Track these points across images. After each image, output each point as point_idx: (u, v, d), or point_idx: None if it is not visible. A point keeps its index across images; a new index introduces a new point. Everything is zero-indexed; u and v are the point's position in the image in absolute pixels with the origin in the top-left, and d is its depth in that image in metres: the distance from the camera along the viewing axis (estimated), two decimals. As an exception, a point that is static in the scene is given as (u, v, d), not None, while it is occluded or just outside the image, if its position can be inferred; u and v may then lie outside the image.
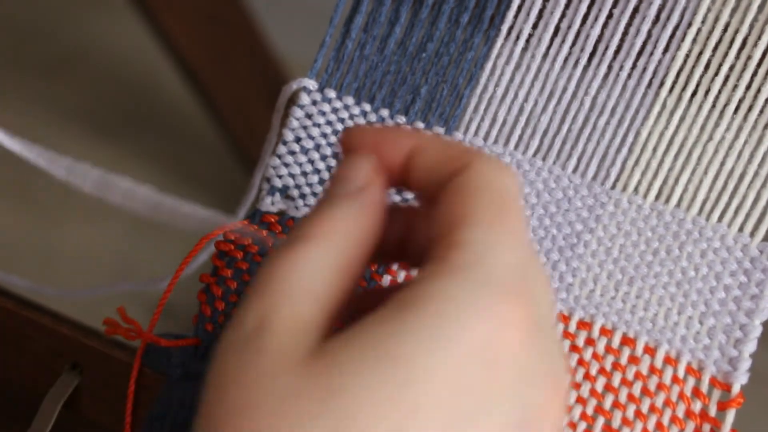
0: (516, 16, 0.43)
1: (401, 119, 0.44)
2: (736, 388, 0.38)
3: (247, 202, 0.48)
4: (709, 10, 0.41)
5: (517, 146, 0.43)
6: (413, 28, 0.44)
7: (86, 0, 1.20)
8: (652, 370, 0.39)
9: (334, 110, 0.44)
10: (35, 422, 0.40)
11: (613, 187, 0.42)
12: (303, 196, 0.44)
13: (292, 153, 0.44)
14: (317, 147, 0.44)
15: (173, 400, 0.41)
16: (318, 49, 0.45)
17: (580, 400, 0.39)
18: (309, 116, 0.44)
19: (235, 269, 0.42)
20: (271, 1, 1.02)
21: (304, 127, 0.44)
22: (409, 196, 0.36)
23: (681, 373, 0.39)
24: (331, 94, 0.44)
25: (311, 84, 0.44)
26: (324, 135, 0.44)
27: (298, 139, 0.44)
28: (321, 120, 0.44)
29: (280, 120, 0.47)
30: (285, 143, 0.44)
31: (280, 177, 0.44)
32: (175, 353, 0.41)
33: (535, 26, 0.43)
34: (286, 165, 0.44)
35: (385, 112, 0.44)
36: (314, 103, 0.44)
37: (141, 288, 0.56)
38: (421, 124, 0.44)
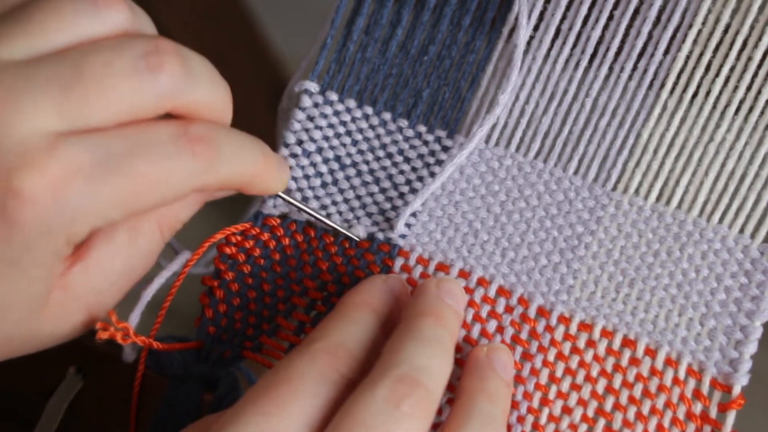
0: (517, 19, 0.43)
1: (403, 122, 0.44)
2: (736, 390, 0.38)
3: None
4: (709, 11, 0.41)
5: (518, 148, 0.43)
6: (415, 31, 0.44)
7: None
8: (653, 371, 0.39)
9: (336, 113, 0.44)
10: (39, 425, 0.40)
11: (614, 188, 0.42)
12: (305, 199, 0.44)
13: (294, 156, 0.44)
14: (319, 150, 0.44)
15: (176, 403, 0.41)
16: (319, 51, 0.45)
17: (581, 401, 0.39)
18: (311, 119, 0.44)
19: (238, 272, 0.42)
20: (271, 1, 1.02)
21: (306, 130, 0.44)
22: None
23: (682, 375, 0.39)
24: (333, 96, 0.44)
25: (313, 86, 0.44)
26: (326, 138, 0.44)
27: (300, 142, 0.44)
28: (323, 123, 0.44)
29: (282, 122, 0.47)
30: (287, 146, 0.44)
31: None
32: (177, 356, 0.41)
33: (536, 28, 0.43)
34: (289, 168, 0.44)
35: (387, 116, 0.44)
36: (316, 105, 0.44)
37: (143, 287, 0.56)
38: (423, 128, 0.44)
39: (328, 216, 0.43)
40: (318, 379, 0.34)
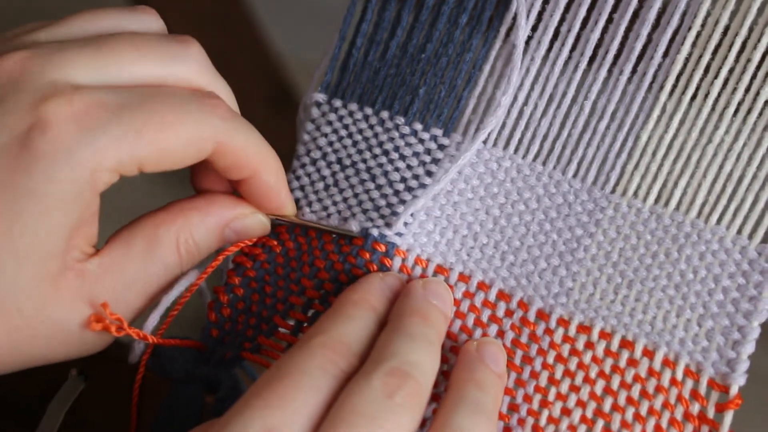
0: (515, 18, 0.43)
1: (400, 120, 0.44)
2: (734, 390, 0.38)
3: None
4: (708, 13, 0.41)
5: (516, 150, 0.43)
6: (413, 30, 0.44)
7: (86, 0, 1.20)
8: (651, 372, 0.39)
9: (340, 118, 0.44)
10: (40, 427, 0.41)
11: (613, 191, 0.42)
12: (309, 203, 0.44)
13: (303, 166, 0.44)
14: (324, 155, 0.44)
15: (177, 405, 0.41)
16: (329, 63, 0.45)
17: (579, 403, 0.40)
18: (318, 128, 0.44)
19: (244, 277, 0.43)
20: (272, 2, 1.02)
21: (314, 139, 0.44)
22: None
23: (679, 376, 0.39)
24: (338, 103, 0.44)
25: (321, 97, 0.45)
26: (330, 143, 0.44)
27: (308, 152, 0.44)
28: (327, 129, 0.44)
29: (299, 135, 0.47)
30: (298, 158, 0.44)
31: (291, 191, 0.44)
32: (178, 358, 0.42)
33: (534, 28, 0.43)
34: (298, 178, 0.44)
35: (385, 114, 0.44)
36: (323, 114, 0.45)
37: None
38: (419, 125, 0.44)
39: (328, 216, 0.43)
40: (318, 373, 0.35)
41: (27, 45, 0.36)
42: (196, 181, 0.41)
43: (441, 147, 0.43)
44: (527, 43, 0.43)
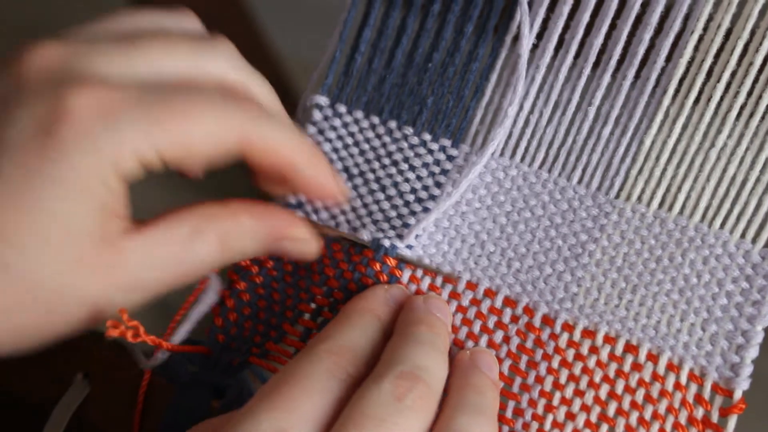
0: (519, 27, 0.43)
1: (408, 130, 0.44)
2: (737, 394, 0.39)
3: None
4: (710, 17, 0.41)
5: (523, 158, 0.43)
6: (419, 39, 0.44)
7: (86, 1, 1.20)
8: (655, 377, 0.40)
9: (345, 124, 0.44)
10: (45, 430, 0.41)
11: (617, 196, 0.42)
12: (316, 211, 0.44)
13: None
14: (329, 162, 0.44)
15: (184, 409, 0.41)
16: (329, 65, 0.45)
17: (584, 407, 0.40)
18: (321, 132, 0.44)
19: (250, 282, 0.43)
20: (271, 1, 1.02)
21: (317, 143, 0.44)
22: None
23: (683, 380, 0.39)
24: (342, 108, 0.44)
25: (323, 100, 0.44)
26: (335, 150, 0.44)
27: None
28: (332, 135, 0.44)
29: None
30: None
31: (295, 194, 0.44)
32: (185, 363, 0.42)
33: (539, 36, 0.43)
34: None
35: (393, 124, 0.44)
36: (326, 118, 0.44)
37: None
38: (428, 136, 0.44)
39: (337, 226, 0.43)
40: (326, 377, 0.35)
41: (61, 39, 0.37)
42: (258, 182, 0.41)
43: (450, 158, 0.43)
44: (532, 51, 0.43)
